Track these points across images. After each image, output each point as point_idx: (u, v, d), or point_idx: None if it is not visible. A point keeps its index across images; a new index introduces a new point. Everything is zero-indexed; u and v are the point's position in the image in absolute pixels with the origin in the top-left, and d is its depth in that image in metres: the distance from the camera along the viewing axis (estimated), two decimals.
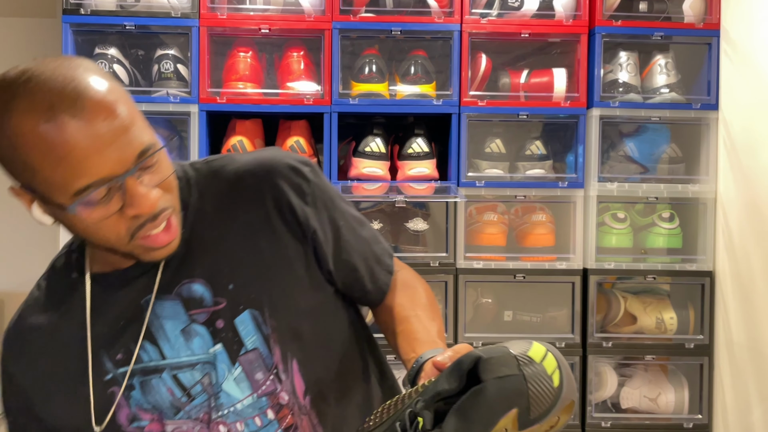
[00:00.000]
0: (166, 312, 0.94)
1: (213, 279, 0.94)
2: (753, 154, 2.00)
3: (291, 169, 0.98)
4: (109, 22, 2.08)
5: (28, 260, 2.47)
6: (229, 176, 0.98)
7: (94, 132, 0.79)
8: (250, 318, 0.94)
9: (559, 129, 2.26)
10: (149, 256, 0.91)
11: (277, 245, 0.97)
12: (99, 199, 0.82)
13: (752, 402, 1.96)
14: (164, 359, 0.94)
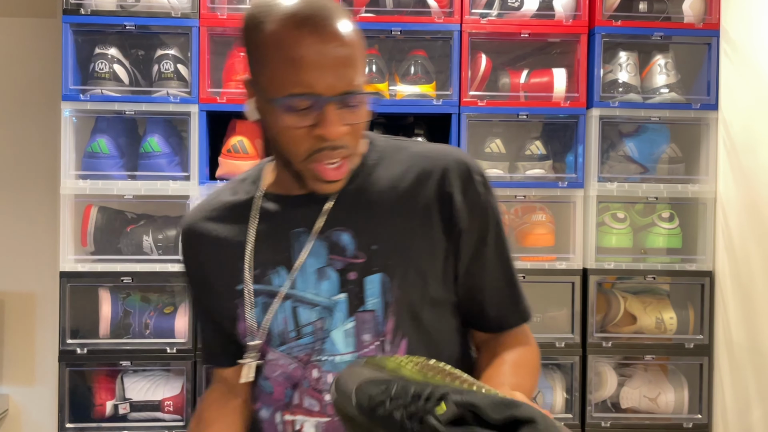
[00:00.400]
0: (311, 249, 1.01)
1: (361, 234, 1.00)
2: (753, 154, 2.00)
3: (468, 171, 1.03)
4: (109, 22, 2.08)
5: (28, 260, 2.48)
6: (410, 153, 1.05)
7: (325, 52, 0.90)
8: (380, 281, 0.99)
9: (559, 129, 2.26)
10: (313, 185, 0.97)
11: (428, 229, 1.01)
12: (299, 109, 0.91)
13: (752, 402, 1.96)
14: (292, 289, 1.01)
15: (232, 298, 1.03)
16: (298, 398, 1.02)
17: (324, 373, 1.00)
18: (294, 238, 1.02)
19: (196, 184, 2.07)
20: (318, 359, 1.00)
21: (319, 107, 0.91)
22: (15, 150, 2.49)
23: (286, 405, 1.03)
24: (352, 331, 0.99)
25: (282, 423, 1.03)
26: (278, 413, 1.03)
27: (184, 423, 2.08)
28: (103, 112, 2.11)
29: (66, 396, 2.06)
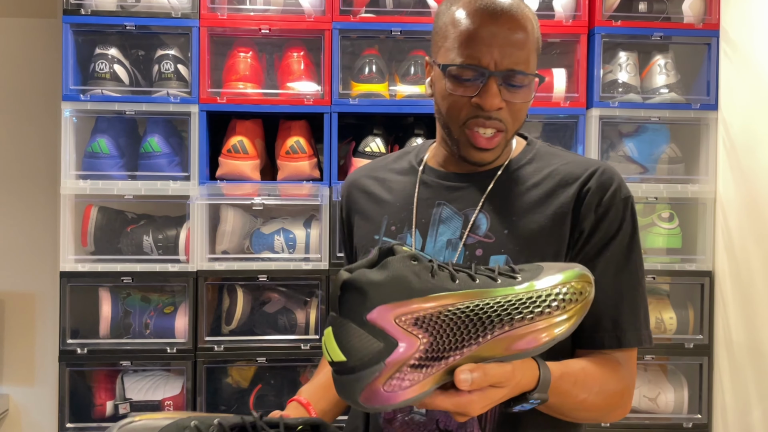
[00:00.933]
0: (449, 221, 1.11)
1: (496, 217, 1.09)
2: (752, 154, 2.00)
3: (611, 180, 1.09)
4: (109, 23, 2.08)
5: (28, 260, 2.48)
6: (563, 160, 1.13)
7: (496, 32, 1.02)
8: (504, 262, 1.06)
9: (559, 129, 2.26)
10: (465, 152, 1.07)
11: (559, 231, 1.07)
12: (463, 78, 1.03)
13: (751, 401, 1.96)
14: (421, 251, 1.09)
15: (368, 245, 1.15)
16: None
17: None
18: (436, 207, 1.13)
19: (196, 184, 2.07)
20: None
21: (482, 80, 1.02)
22: (15, 150, 2.49)
23: None
24: None
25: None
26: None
27: None
28: (103, 112, 2.11)
29: (66, 396, 2.06)
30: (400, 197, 1.17)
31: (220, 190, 2.09)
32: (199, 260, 2.06)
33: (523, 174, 1.12)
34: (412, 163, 1.20)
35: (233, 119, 2.13)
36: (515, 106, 1.05)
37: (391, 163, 1.24)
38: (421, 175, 1.17)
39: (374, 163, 1.27)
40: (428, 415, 1.08)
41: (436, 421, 1.08)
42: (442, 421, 1.08)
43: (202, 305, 2.06)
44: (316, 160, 2.13)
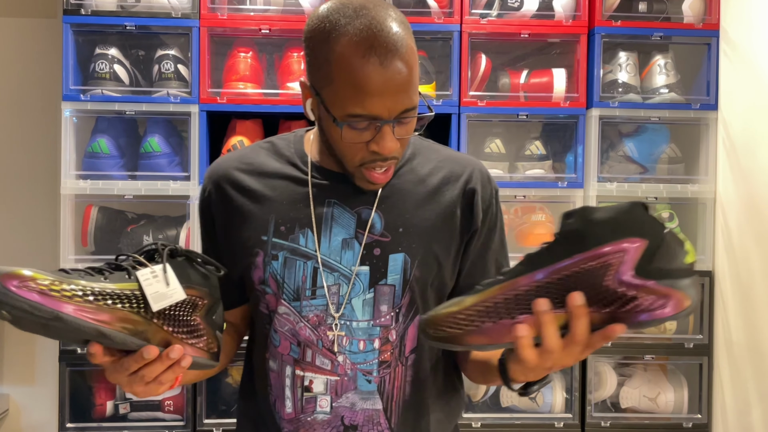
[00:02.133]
0: (340, 220, 1.11)
1: (389, 216, 1.11)
2: (752, 154, 2.00)
3: (488, 179, 1.17)
4: (109, 23, 2.08)
5: (28, 260, 2.48)
6: (440, 155, 1.18)
7: (388, 80, 0.99)
8: (402, 260, 1.09)
9: (559, 129, 2.26)
10: (361, 184, 1.08)
11: (450, 224, 1.13)
12: (359, 128, 1.01)
13: (751, 401, 1.96)
14: (316, 252, 1.10)
15: (254, 246, 1.11)
16: (310, 356, 1.09)
17: (339, 336, 1.09)
18: (327, 206, 1.12)
19: (196, 184, 2.07)
20: (334, 323, 1.08)
21: (376, 127, 1.01)
22: (15, 150, 2.49)
23: (296, 361, 1.10)
24: (371, 301, 1.09)
25: (292, 377, 1.10)
26: (288, 367, 1.11)
27: (184, 422, 2.08)
28: (103, 112, 2.11)
29: (66, 396, 2.06)
30: (285, 195, 1.13)
31: None
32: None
33: (409, 170, 1.15)
34: (293, 159, 1.16)
35: (233, 119, 2.14)
36: (407, 138, 1.06)
37: (264, 156, 1.17)
38: (311, 172, 1.14)
39: (243, 155, 1.18)
40: (333, 413, 1.10)
41: (341, 418, 1.10)
42: (347, 418, 1.10)
43: None
44: None
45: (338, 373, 1.09)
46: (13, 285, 0.80)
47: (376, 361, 1.09)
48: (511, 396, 2.17)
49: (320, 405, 1.10)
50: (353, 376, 1.09)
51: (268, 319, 1.12)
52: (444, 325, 0.91)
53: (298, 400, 1.10)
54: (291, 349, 1.11)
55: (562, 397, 2.16)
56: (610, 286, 0.83)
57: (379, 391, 1.10)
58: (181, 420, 2.08)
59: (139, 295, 0.90)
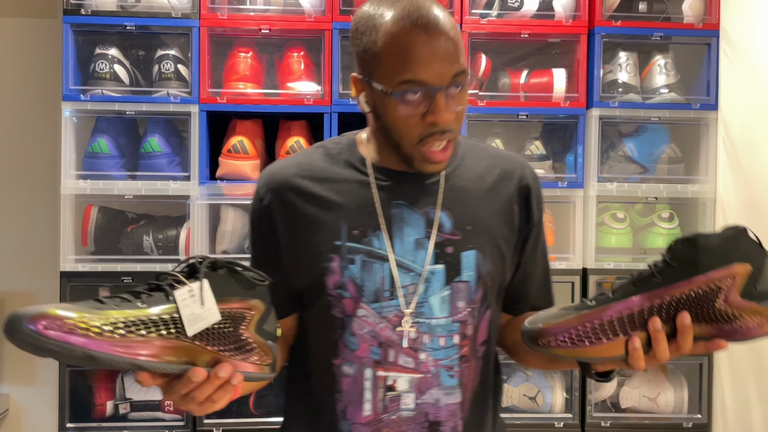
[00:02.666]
0: (410, 221, 1.13)
1: (457, 215, 1.14)
2: (752, 154, 2.00)
3: (535, 176, 1.23)
4: (109, 23, 2.08)
5: (28, 260, 2.48)
6: (489, 153, 1.23)
7: (435, 47, 1.03)
8: (474, 257, 1.12)
9: (559, 129, 2.26)
10: (420, 165, 1.10)
11: (509, 219, 1.18)
12: (412, 99, 1.04)
13: (751, 402, 1.96)
14: (391, 254, 1.11)
15: (328, 251, 1.11)
16: (393, 356, 1.11)
17: (420, 334, 1.11)
18: (395, 208, 1.13)
19: (197, 184, 2.07)
20: (414, 321, 1.11)
21: (428, 97, 1.04)
22: (15, 150, 2.49)
23: (377, 362, 1.11)
24: (448, 299, 1.12)
25: (373, 379, 1.11)
26: (368, 369, 1.11)
27: (184, 422, 2.08)
28: (103, 113, 2.11)
29: (66, 396, 2.06)
30: (353, 199, 1.14)
31: (220, 190, 2.09)
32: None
33: (465, 169, 1.18)
34: (352, 162, 1.17)
35: (233, 119, 2.14)
36: (460, 110, 1.08)
37: (322, 162, 1.18)
38: (371, 173, 1.15)
39: (299, 160, 1.19)
40: (417, 410, 1.11)
41: (425, 414, 1.11)
42: (431, 414, 1.11)
43: None
44: None
45: (422, 371, 1.11)
46: (41, 326, 0.80)
47: (457, 356, 1.12)
48: (511, 396, 2.17)
49: (404, 402, 1.11)
50: (436, 373, 1.11)
51: (340, 324, 1.12)
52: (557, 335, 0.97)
53: (380, 400, 1.11)
54: (371, 351, 1.11)
55: (562, 397, 2.16)
56: (719, 307, 0.95)
57: (459, 384, 1.13)
58: (181, 420, 2.08)
59: (177, 318, 0.87)
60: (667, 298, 0.96)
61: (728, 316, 0.96)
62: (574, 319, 0.97)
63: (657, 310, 0.96)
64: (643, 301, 0.96)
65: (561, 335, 0.97)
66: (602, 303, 0.97)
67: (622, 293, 0.97)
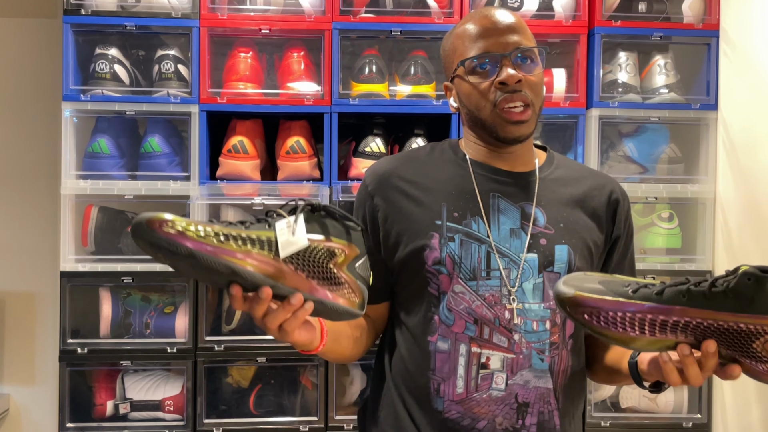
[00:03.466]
0: (506, 211, 1.22)
1: (551, 212, 1.23)
2: (752, 154, 2.00)
3: (625, 194, 1.32)
4: (109, 23, 2.08)
5: (28, 260, 2.48)
6: (582, 167, 1.35)
7: (497, 22, 1.19)
8: (566, 251, 1.20)
9: (559, 129, 2.27)
10: (503, 130, 1.18)
11: (596, 227, 1.26)
12: (482, 71, 1.18)
13: (751, 401, 1.96)
14: (488, 238, 1.19)
15: (429, 229, 1.19)
16: (488, 333, 1.16)
17: (514, 316, 1.16)
18: (492, 198, 1.22)
19: (197, 184, 2.07)
20: (510, 304, 1.17)
21: (497, 63, 1.17)
22: (15, 150, 2.49)
23: (472, 338, 1.16)
24: (540, 286, 1.18)
25: (467, 355, 1.16)
26: (463, 345, 1.16)
27: (184, 422, 2.08)
28: (103, 113, 2.11)
29: (66, 396, 2.06)
30: (453, 186, 1.23)
31: (221, 190, 2.09)
32: None
33: (557, 176, 1.28)
34: (453, 158, 1.28)
35: (233, 119, 2.14)
36: (532, 80, 1.17)
37: (425, 157, 1.29)
38: (471, 168, 1.25)
39: (400, 156, 1.32)
40: (507, 390, 1.15)
41: (515, 395, 1.15)
42: (520, 395, 1.15)
43: (202, 305, 2.07)
44: (316, 160, 2.13)
45: (514, 351, 1.15)
46: (156, 226, 0.89)
47: (548, 341, 1.17)
48: None
49: (496, 382, 1.15)
50: (528, 354, 1.16)
51: (436, 301, 1.18)
52: (585, 309, 0.99)
53: (472, 378, 1.15)
54: (467, 327, 1.17)
55: None
56: (756, 347, 0.97)
57: (550, 370, 1.17)
58: (181, 420, 2.09)
59: (274, 242, 0.96)
60: (710, 321, 0.96)
61: (761, 357, 0.99)
62: (609, 301, 0.97)
63: (693, 327, 0.96)
64: (684, 313, 0.96)
65: (590, 311, 0.98)
66: (643, 297, 0.97)
67: (668, 297, 0.96)
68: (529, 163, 1.27)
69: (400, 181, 1.25)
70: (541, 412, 1.16)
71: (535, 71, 1.19)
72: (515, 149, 1.24)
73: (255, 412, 2.11)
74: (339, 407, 2.09)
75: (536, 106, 1.20)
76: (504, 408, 1.15)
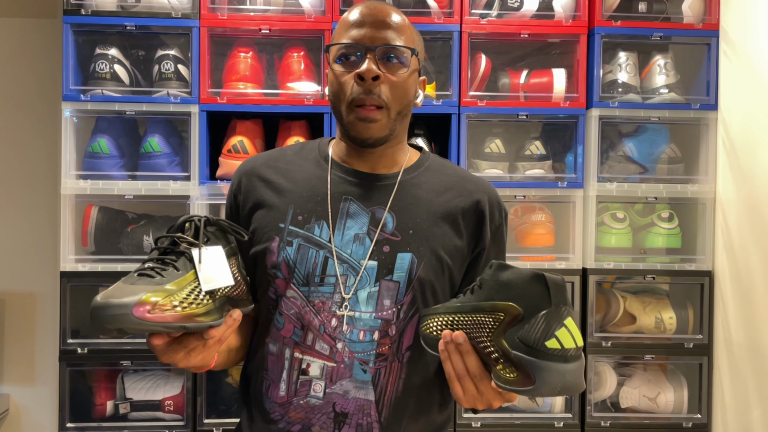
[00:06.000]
0: (356, 216, 1.18)
1: (401, 218, 1.18)
2: (752, 154, 2.00)
3: (500, 205, 1.25)
4: (109, 23, 2.08)
5: (28, 260, 2.48)
6: (455, 173, 1.27)
7: (369, 14, 1.16)
8: (409, 260, 1.15)
9: (559, 129, 2.27)
10: (354, 129, 1.15)
11: (457, 236, 1.20)
12: (346, 61, 1.15)
13: (751, 401, 1.96)
14: (329, 243, 1.16)
15: (271, 231, 1.18)
16: (311, 340, 1.15)
17: (341, 324, 1.14)
18: (343, 201, 1.19)
19: (197, 184, 2.07)
20: (339, 311, 1.14)
21: (359, 58, 1.14)
22: (15, 150, 2.49)
23: (296, 343, 1.15)
24: (375, 295, 1.14)
25: (290, 359, 1.15)
26: (287, 349, 1.16)
27: (184, 422, 2.08)
28: (103, 113, 2.11)
29: (66, 396, 2.06)
30: (305, 188, 1.21)
31: (221, 190, 2.09)
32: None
33: (422, 180, 1.23)
34: (316, 157, 1.25)
35: (233, 119, 2.14)
36: (393, 81, 1.14)
37: (291, 156, 1.27)
38: (330, 169, 1.22)
39: (271, 153, 1.30)
40: (325, 399, 1.13)
41: (333, 405, 1.13)
42: (338, 405, 1.13)
43: None
44: None
45: (336, 360, 1.13)
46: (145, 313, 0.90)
47: (374, 352, 1.14)
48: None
49: (314, 389, 1.14)
50: (350, 364, 1.13)
51: (274, 303, 1.18)
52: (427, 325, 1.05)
53: (293, 383, 1.14)
54: (294, 332, 1.15)
55: (562, 397, 2.16)
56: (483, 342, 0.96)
57: (373, 382, 1.14)
58: (181, 420, 2.09)
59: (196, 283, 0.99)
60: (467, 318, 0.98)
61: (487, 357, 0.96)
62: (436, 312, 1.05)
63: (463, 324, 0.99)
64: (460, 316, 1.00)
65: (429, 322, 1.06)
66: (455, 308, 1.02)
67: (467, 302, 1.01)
68: (394, 165, 1.23)
69: (259, 181, 1.24)
70: (360, 424, 1.13)
71: (398, 72, 1.15)
72: (376, 150, 1.20)
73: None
74: None
75: (392, 110, 1.15)
76: (321, 416, 1.13)
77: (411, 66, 1.17)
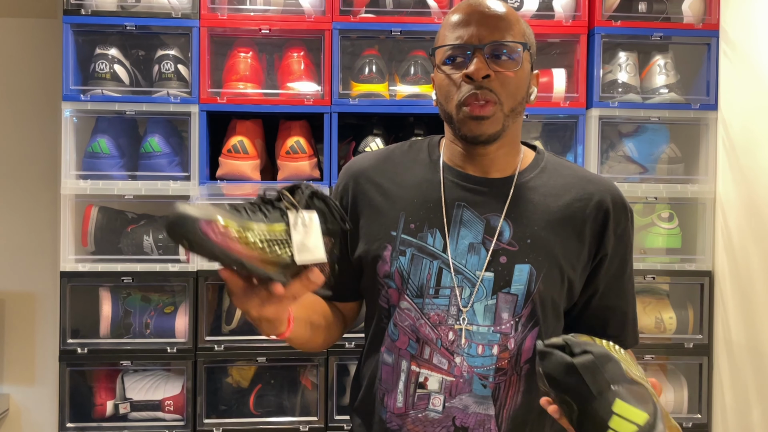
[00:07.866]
0: (470, 224, 1.13)
1: (518, 226, 1.12)
2: (752, 154, 2.00)
3: (623, 205, 1.18)
4: (109, 23, 2.08)
5: (28, 260, 2.48)
6: (574, 173, 1.19)
7: (475, 11, 1.10)
8: (528, 272, 1.10)
9: (559, 129, 2.27)
10: (466, 128, 1.10)
11: (578, 243, 1.14)
12: (454, 62, 1.10)
13: (751, 401, 1.96)
14: (443, 253, 1.11)
15: (384, 240, 1.14)
16: (428, 353, 1.12)
17: (458, 337, 1.10)
18: (457, 208, 1.13)
19: (197, 184, 2.07)
20: (456, 324, 1.10)
21: (470, 57, 1.08)
22: (15, 150, 2.49)
23: (413, 356, 1.12)
24: (492, 308, 1.10)
25: (407, 372, 1.12)
26: (404, 361, 1.13)
27: (184, 422, 2.08)
28: (103, 113, 2.11)
29: (66, 396, 2.06)
30: (416, 193, 1.16)
31: (221, 190, 2.09)
32: (200, 260, 2.06)
33: (539, 183, 1.16)
34: (426, 159, 1.20)
35: (233, 119, 2.14)
36: (504, 76, 1.09)
37: (399, 156, 1.22)
38: (442, 173, 1.17)
39: (378, 154, 1.25)
40: (444, 413, 1.11)
41: (452, 419, 1.11)
42: (458, 419, 1.11)
43: (202, 305, 2.07)
44: (316, 160, 2.13)
45: (454, 374, 1.10)
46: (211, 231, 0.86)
47: (494, 367, 1.11)
48: None
49: (433, 403, 1.11)
50: (469, 379, 1.10)
51: (387, 313, 1.15)
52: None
53: (410, 395, 1.12)
54: (409, 344, 1.13)
55: None
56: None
57: (492, 397, 1.11)
58: (181, 420, 2.08)
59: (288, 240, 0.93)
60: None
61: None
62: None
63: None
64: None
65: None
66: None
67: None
68: (508, 168, 1.17)
69: (368, 184, 1.19)
70: None
71: (511, 68, 1.09)
72: (489, 151, 1.14)
73: (255, 412, 2.11)
74: (339, 407, 2.09)
75: (505, 106, 1.09)
76: (441, 430, 1.11)
77: (523, 61, 1.11)
